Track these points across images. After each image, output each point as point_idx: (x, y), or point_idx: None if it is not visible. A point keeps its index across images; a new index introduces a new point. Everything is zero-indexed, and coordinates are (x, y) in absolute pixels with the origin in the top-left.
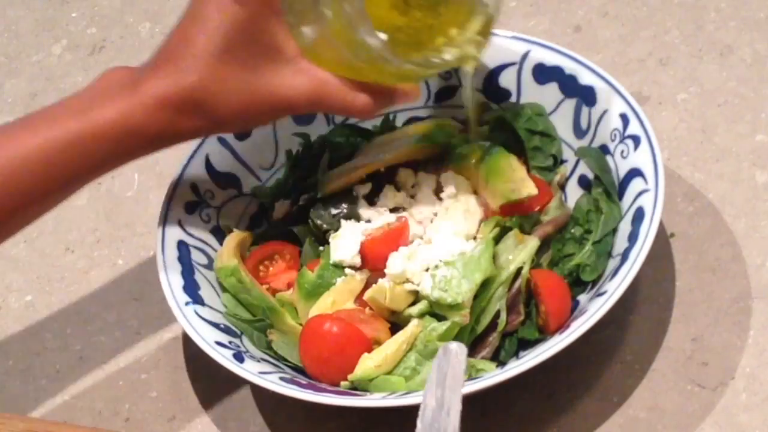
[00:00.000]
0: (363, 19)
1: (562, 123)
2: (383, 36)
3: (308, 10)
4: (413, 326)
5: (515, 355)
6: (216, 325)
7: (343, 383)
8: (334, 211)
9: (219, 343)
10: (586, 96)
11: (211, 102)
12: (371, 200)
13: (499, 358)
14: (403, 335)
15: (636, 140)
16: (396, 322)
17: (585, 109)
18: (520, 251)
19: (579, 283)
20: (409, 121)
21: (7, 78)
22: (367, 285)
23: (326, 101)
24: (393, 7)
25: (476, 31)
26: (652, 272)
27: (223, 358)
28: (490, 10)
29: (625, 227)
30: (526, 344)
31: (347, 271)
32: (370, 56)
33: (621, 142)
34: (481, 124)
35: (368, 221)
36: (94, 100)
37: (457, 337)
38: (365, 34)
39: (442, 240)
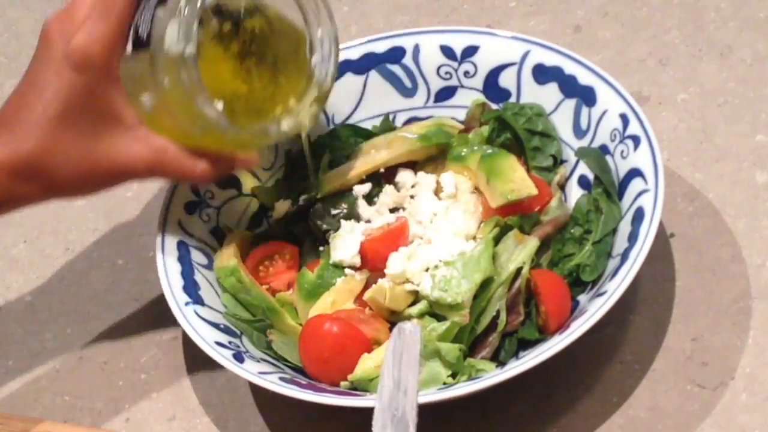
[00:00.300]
0: (199, 88)
1: (562, 123)
2: (219, 105)
3: (146, 79)
4: None
5: (515, 355)
6: (216, 325)
7: (343, 383)
8: (334, 211)
9: (219, 343)
10: (586, 96)
11: (48, 169)
12: (371, 200)
13: (499, 358)
14: None
15: (636, 140)
16: (396, 322)
17: (585, 110)
18: (519, 251)
19: (579, 283)
20: (409, 121)
21: (7, 78)
22: (367, 285)
23: (166, 169)
24: (235, 76)
25: (312, 99)
26: (652, 272)
27: (223, 358)
28: (326, 85)
29: (625, 227)
30: (526, 344)
31: (347, 271)
32: (207, 125)
33: (621, 142)
34: (481, 124)
35: (368, 221)
36: None
37: (457, 337)
38: (202, 104)
39: (442, 240)
